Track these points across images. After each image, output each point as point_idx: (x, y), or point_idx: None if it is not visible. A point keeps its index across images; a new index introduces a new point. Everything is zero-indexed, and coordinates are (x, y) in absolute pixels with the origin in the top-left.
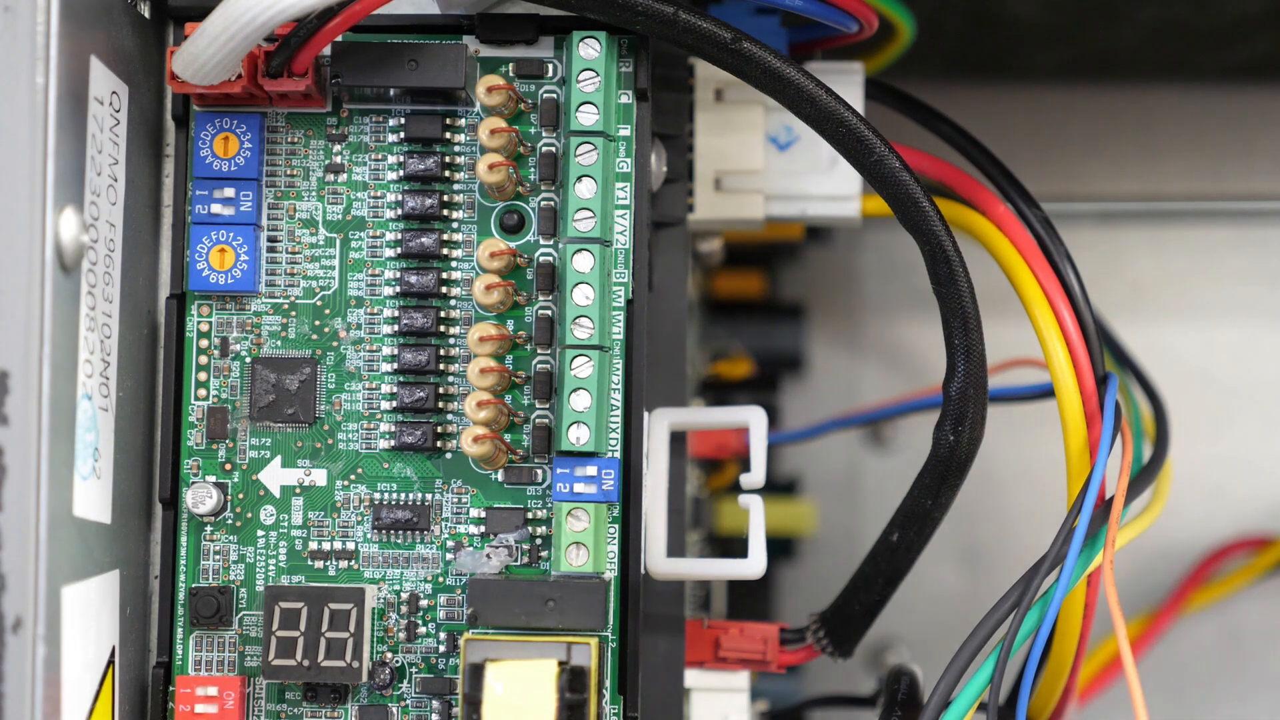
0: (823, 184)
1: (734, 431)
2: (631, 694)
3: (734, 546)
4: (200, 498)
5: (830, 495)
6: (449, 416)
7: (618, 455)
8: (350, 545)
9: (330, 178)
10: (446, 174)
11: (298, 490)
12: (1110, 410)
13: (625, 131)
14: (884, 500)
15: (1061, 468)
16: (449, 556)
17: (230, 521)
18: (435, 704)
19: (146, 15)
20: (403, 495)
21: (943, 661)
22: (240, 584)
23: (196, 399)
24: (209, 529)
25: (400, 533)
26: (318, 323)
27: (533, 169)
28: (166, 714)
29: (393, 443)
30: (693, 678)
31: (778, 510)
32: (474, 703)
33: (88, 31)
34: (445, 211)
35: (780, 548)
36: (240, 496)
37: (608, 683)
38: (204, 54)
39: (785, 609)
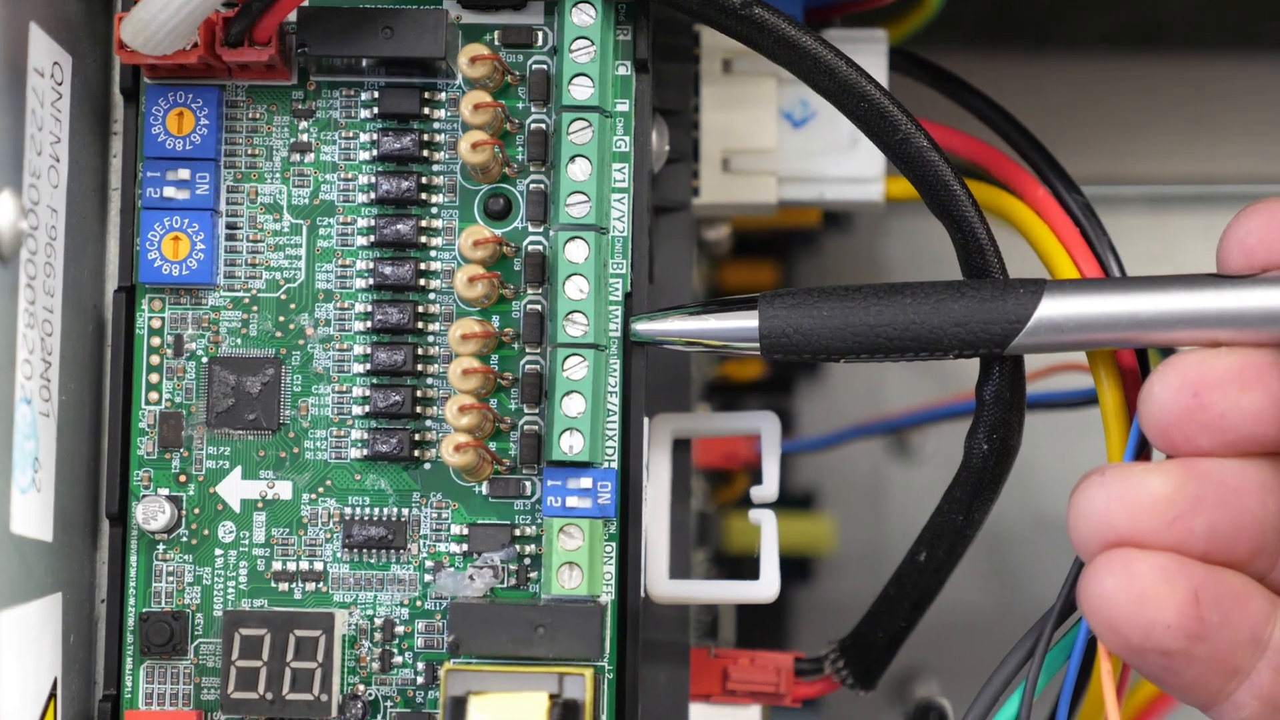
0: (842, 165)
1: (744, 440)
2: None
3: (744, 567)
4: (152, 513)
5: (851, 510)
6: (428, 423)
7: (615, 466)
8: (318, 565)
9: (296, 158)
10: (425, 154)
11: (260, 504)
12: None
13: (623, 106)
14: (910, 516)
15: None
16: (428, 578)
17: (185, 539)
18: None
19: None
20: (376, 510)
21: (975, 694)
22: (196, 608)
23: (147, 403)
24: (161, 547)
25: (374, 552)
26: (282, 319)
27: (520, 148)
28: None
29: (365, 452)
30: (698, 713)
31: (793, 527)
32: None
33: None
34: (423, 195)
35: (795, 568)
36: (196, 511)
37: (604, 718)
38: (156, 20)
39: (801, 636)
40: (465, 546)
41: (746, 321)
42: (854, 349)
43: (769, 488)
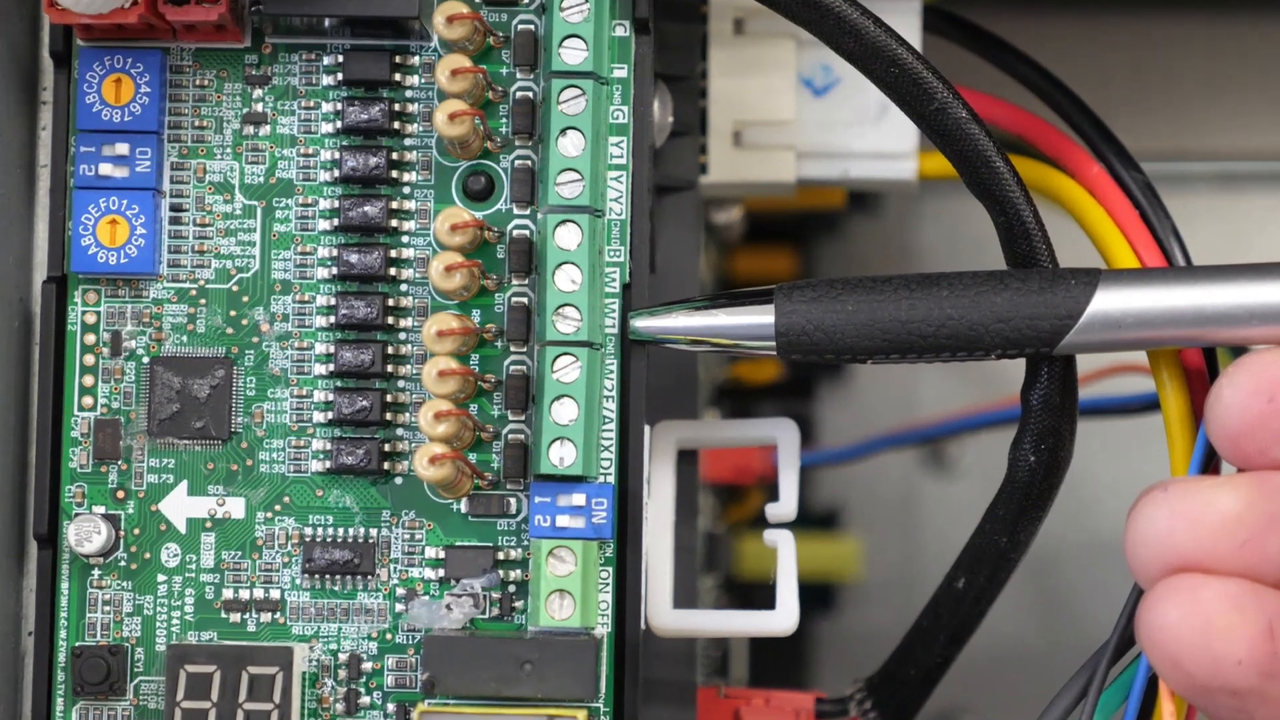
0: (869, 138)
1: (758, 451)
2: None
3: (758, 595)
4: (85, 534)
5: (880, 530)
6: (399, 431)
7: (611, 480)
8: (275, 593)
9: (249, 131)
10: (396, 126)
11: (208, 524)
12: None
13: (621, 72)
14: (947, 537)
15: None
16: (399, 608)
17: (123, 564)
18: None
19: None
20: (341, 530)
21: None
22: (136, 642)
23: (81, 409)
24: (97, 573)
25: (338, 578)
26: (234, 313)
27: (504, 120)
28: None
29: (328, 464)
30: None
31: (814, 549)
32: None
33: None
34: (394, 173)
35: (817, 596)
36: (136, 532)
37: None
38: None
39: (823, 673)
40: (442, 572)
41: (761, 317)
42: (883, 348)
43: (786, 505)
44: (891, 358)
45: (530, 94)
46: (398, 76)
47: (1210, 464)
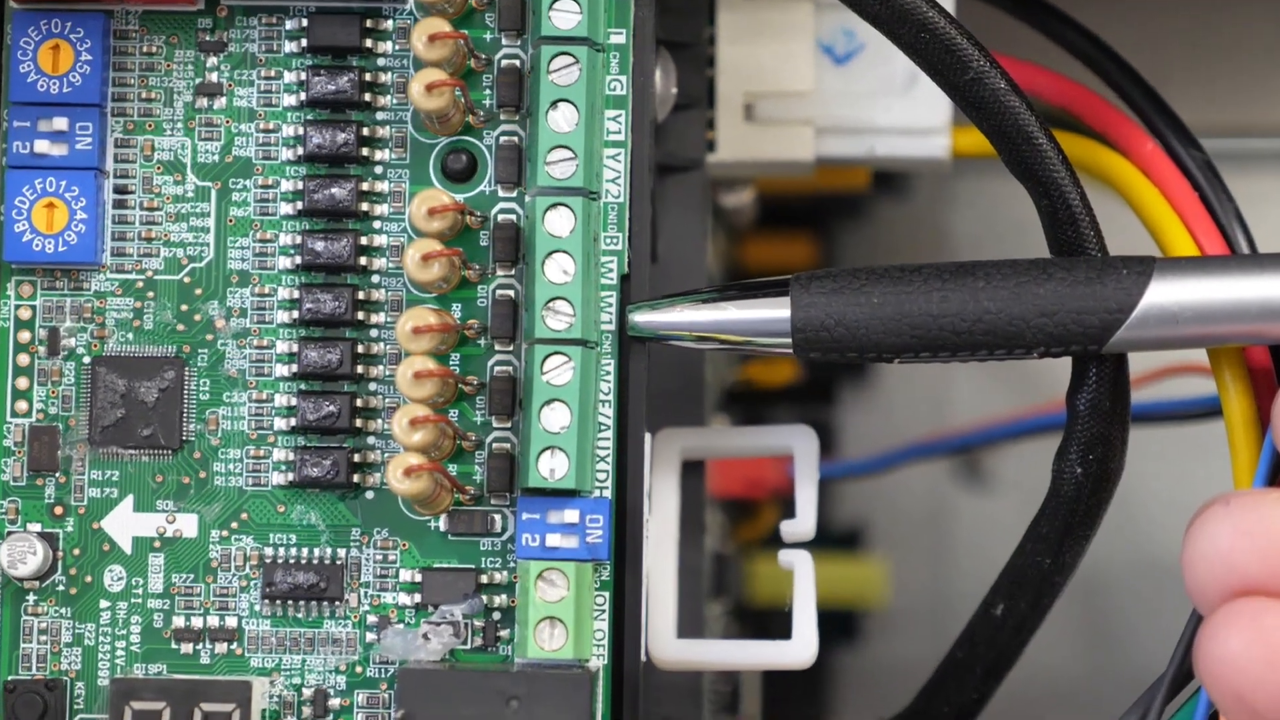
0: (897, 112)
1: (772, 462)
2: None
3: (772, 623)
4: (19, 554)
5: (908, 551)
6: (370, 440)
7: (608, 495)
8: (231, 621)
9: (203, 103)
10: (367, 98)
11: (157, 544)
12: None
13: (618, 38)
14: (983, 558)
15: None
16: (370, 637)
17: (62, 588)
18: None
19: None
20: (305, 551)
21: None
22: (76, 676)
23: (14, 415)
24: (32, 598)
25: (302, 604)
26: (185, 308)
27: (488, 91)
28: None
29: (291, 477)
30: None
31: (835, 572)
32: None
33: None
34: (365, 151)
35: (838, 624)
36: (76, 553)
37: None
38: None
39: (845, 711)
40: (418, 597)
41: (776, 311)
42: (911, 345)
43: (804, 523)
44: (921, 356)
45: (517, 62)
46: (369, 43)
47: (1278, 475)
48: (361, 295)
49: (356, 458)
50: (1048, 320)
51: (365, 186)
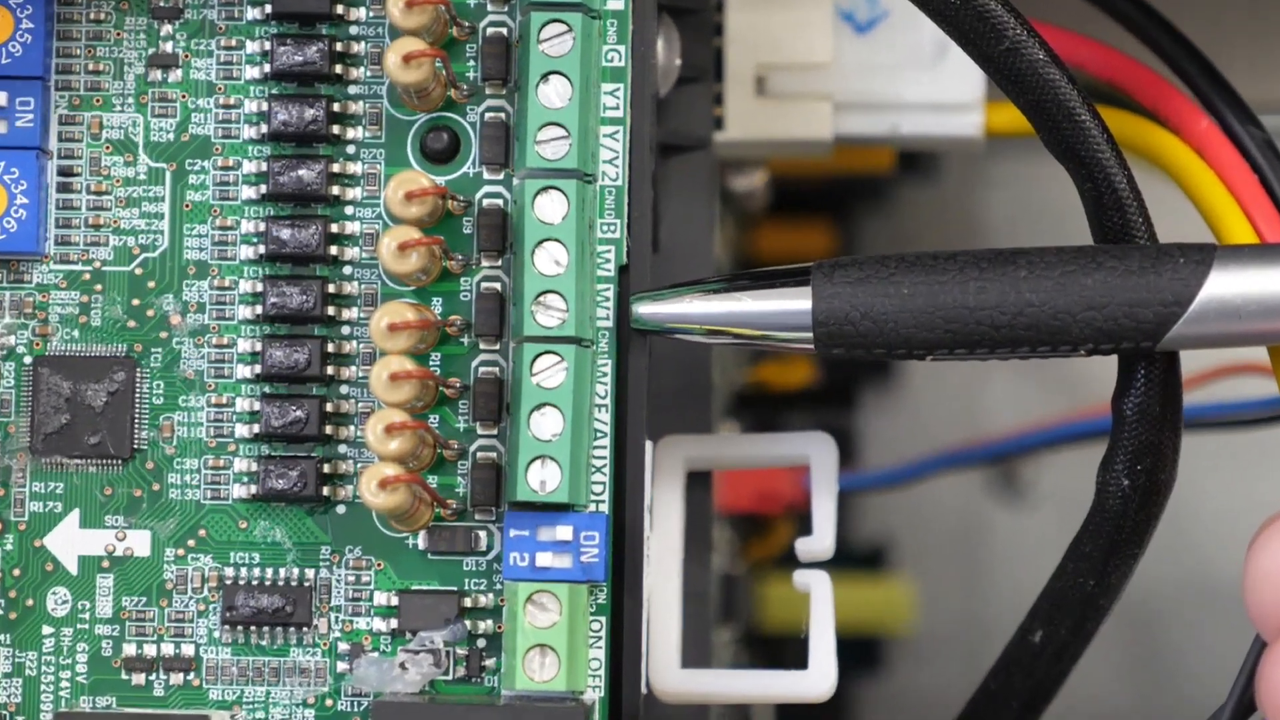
0: (924, 85)
1: (787, 473)
2: None
3: (787, 651)
4: None
5: (937, 571)
6: (342, 449)
7: (604, 509)
8: (188, 649)
9: (156, 76)
10: (338, 70)
11: (106, 563)
12: None
13: (616, 4)
14: (1020, 579)
15: None
16: (342, 667)
17: (0, 612)
18: None
19: None
20: (270, 571)
21: None
22: (16, 709)
23: None
24: None
25: (266, 630)
26: (137, 302)
27: (472, 63)
28: None
29: (254, 490)
30: None
31: (856, 594)
32: None
33: None
34: (335, 129)
35: (860, 652)
36: (16, 573)
37: None
38: None
39: None
40: (395, 623)
41: (795, 302)
42: (945, 340)
43: (822, 540)
44: (956, 353)
45: (504, 30)
46: (340, 9)
47: None
48: (332, 288)
49: (326, 468)
50: (1096, 314)
51: (336, 168)
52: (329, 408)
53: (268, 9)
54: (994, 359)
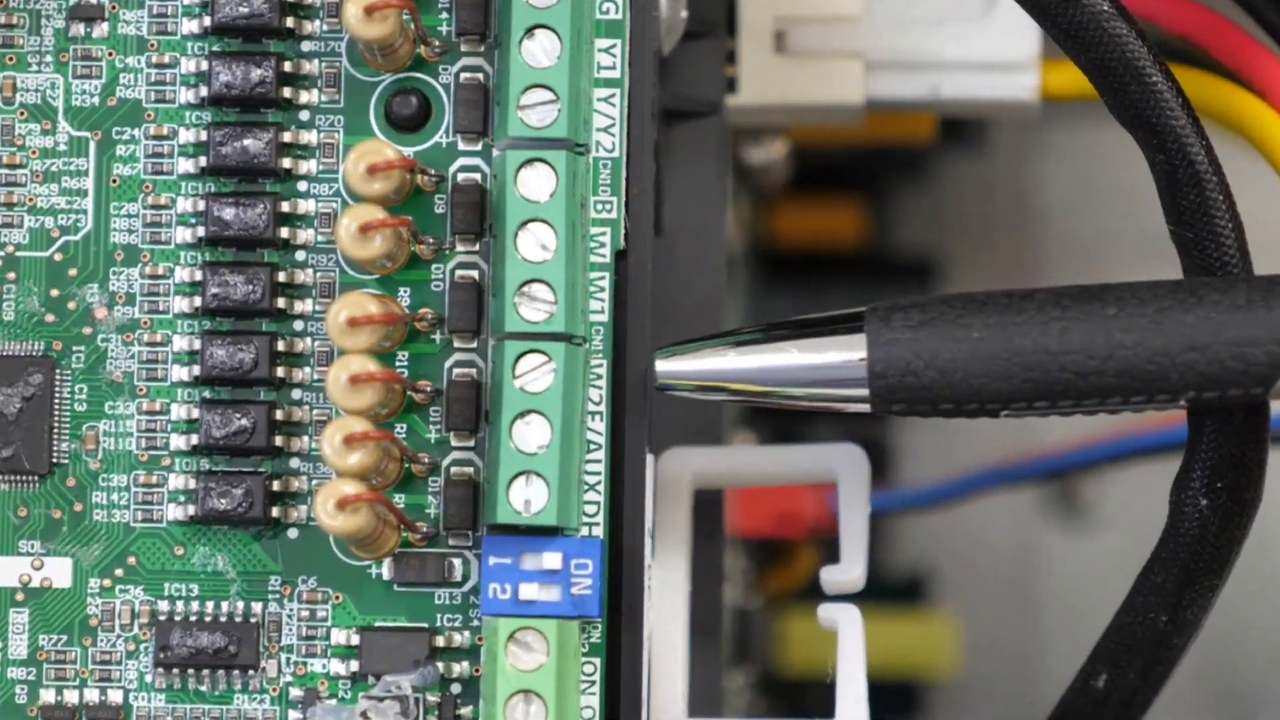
0: (970, 41)
1: (811, 492)
2: None
3: (809, 698)
4: None
5: (985, 604)
6: (294, 463)
7: (599, 534)
8: (115, 695)
9: (79, 31)
10: (289, 24)
11: (20, 595)
12: None
13: None
14: (1080, 614)
15: None
16: (294, 716)
17: None
18: None
19: None
20: (211, 605)
21: None
22: None
23: None
24: None
25: (206, 673)
26: (56, 293)
27: (445, 14)
28: None
29: (193, 511)
30: None
31: (892, 631)
32: None
33: None
34: (287, 91)
35: (897, 698)
36: None
37: None
38: None
39: None
40: (355, 665)
41: (845, 353)
42: (1023, 393)
43: (851, 569)
44: (1036, 407)
45: None
46: None
47: None
48: (283, 277)
49: (276, 486)
50: (1199, 356)
51: (287, 137)
52: (279, 415)
53: None
54: (1079, 413)
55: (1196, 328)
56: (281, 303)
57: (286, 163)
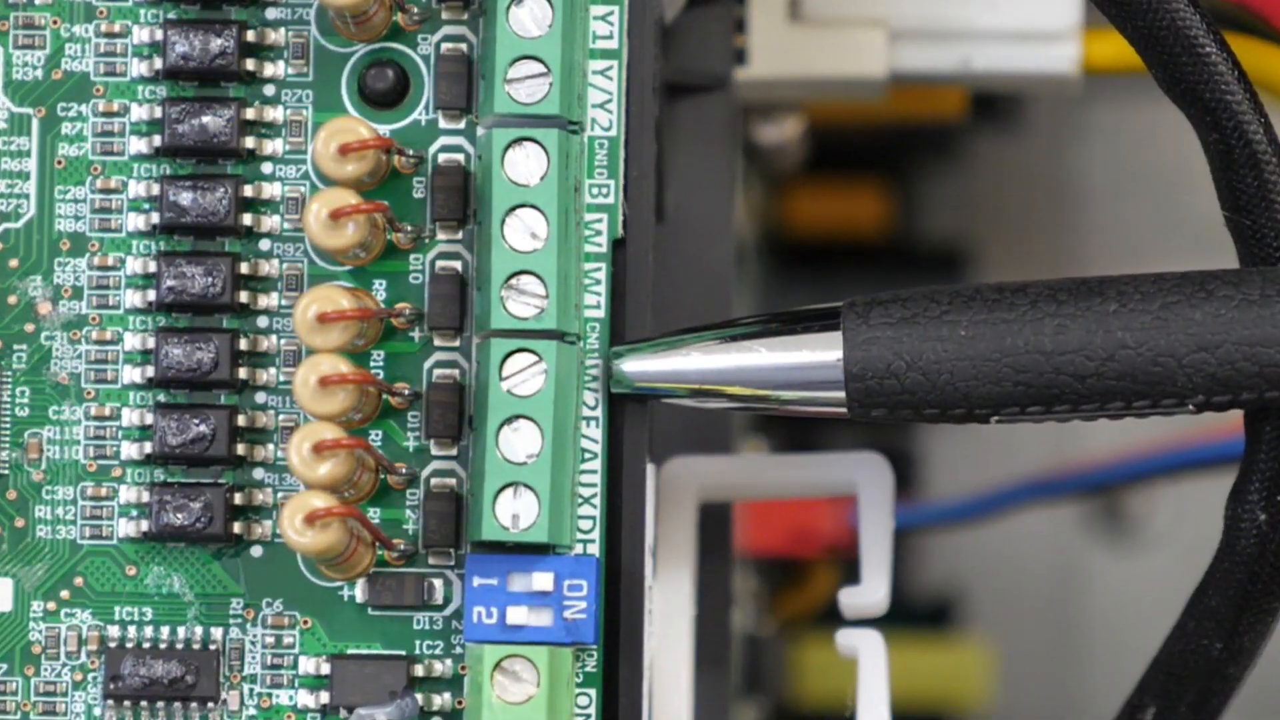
0: (1004, 9)
1: (828, 506)
2: None
3: None
4: None
5: (1021, 629)
6: (257, 474)
7: (595, 552)
8: None
9: None
10: None
11: None
12: None
13: None
14: (1125, 639)
15: None
16: None
17: None
18: None
19: None
20: (166, 631)
21: None
22: None
23: None
24: None
25: (161, 706)
26: None
27: None
28: None
29: (146, 527)
30: None
31: (918, 659)
32: None
33: None
34: (250, 64)
35: None
36: None
37: None
38: None
39: None
40: (325, 696)
41: (819, 352)
42: (1015, 396)
43: (873, 591)
44: (1029, 412)
45: None
46: None
47: None
48: (245, 269)
49: (238, 499)
50: (1208, 356)
51: (250, 114)
52: (241, 421)
53: None
54: (1077, 418)
55: (1206, 325)
56: (244, 297)
57: (250, 142)
